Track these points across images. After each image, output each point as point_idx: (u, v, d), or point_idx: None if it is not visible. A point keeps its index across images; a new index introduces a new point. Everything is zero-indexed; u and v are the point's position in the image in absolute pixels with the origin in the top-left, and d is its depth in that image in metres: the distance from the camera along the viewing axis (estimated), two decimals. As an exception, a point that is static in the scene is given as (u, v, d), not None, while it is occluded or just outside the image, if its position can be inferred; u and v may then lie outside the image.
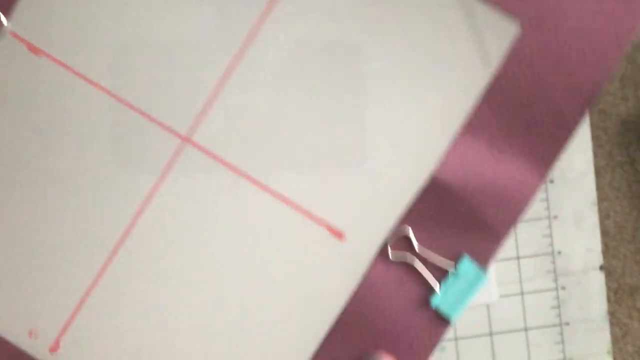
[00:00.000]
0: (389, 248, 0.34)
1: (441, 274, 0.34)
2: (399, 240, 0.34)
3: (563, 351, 0.46)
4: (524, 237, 0.46)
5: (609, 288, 0.47)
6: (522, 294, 0.46)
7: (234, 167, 0.34)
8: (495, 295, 0.46)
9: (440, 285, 0.34)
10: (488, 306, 0.46)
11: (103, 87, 0.34)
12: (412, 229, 0.34)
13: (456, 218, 0.34)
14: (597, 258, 0.47)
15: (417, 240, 0.34)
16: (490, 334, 0.46)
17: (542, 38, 0.33)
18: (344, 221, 0.34)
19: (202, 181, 0.34)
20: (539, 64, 0.33)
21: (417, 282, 0.34)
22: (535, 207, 0.46)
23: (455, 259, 0.34)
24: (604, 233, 0.47)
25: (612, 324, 0.47)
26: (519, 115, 0.33)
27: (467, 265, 0.33)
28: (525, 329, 0.46)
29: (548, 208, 0.46)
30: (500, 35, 0.34)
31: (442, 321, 0.34)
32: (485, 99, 0.33)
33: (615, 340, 0.47)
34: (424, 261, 0.34)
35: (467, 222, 0.33)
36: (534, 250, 0.46)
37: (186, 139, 0.35)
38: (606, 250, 0.47)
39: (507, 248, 0.46)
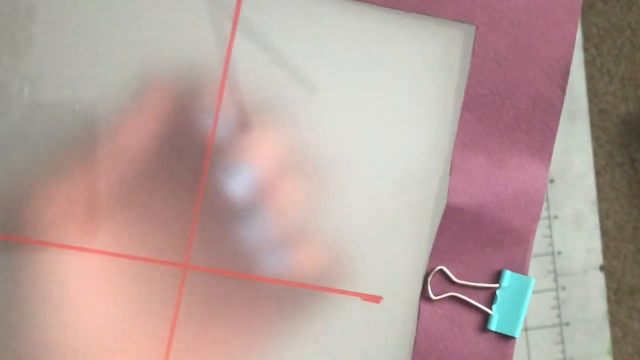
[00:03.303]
0: (430, 291, 0.33)
1: (488, 296, 0.33)
2: (437, 278, 0.33)
3: (563, 351, 0.46)
4: (524, 237, 0.46)
5: (609, 288, 0.47)
6: (522, 294, 0.46)
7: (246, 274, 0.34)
8: (495, 295, 0.46)
9: (491, 306, 0.33)
10: (488, 306, 0.46)
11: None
12: (444, 262, 0.33)
13: (482, 237, 0.33)
14: (597, 258, 0.46)
15: (452, 271, 0.33)
16: (490, 334, 0.46)
17: (499, 32, 0.33)
18: (376, 284, 0.34)
19: (217, 299, 0.34)
20: (504, 57, 0.33)
21: (468, 312, 0.33)
22: (535, 207, 0.46)
23: (496, 276, 0.33)
24: (604, 233, 0.47)
25: (612, 324, 0.47)
26: (504, 113, 0.33)
27: (510, 277, 0.33)
28: (526, 329, 0.46)
29: (548, 208, 0.46)
30: (458, 42, 0.34)
31: (507, 341, 0.33)
32: (465, 109, 0.33)
33: (615, 341, 0.47)
34: (467, 289, 0.33)
35: (494, 236, 0.33)
36: (534, 250, 0.46)
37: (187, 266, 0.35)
38: (606, 250, 0.47)
39: (507, 248, 0.46)
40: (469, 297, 0.33)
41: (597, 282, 0.46)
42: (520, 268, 0.33)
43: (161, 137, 0.34)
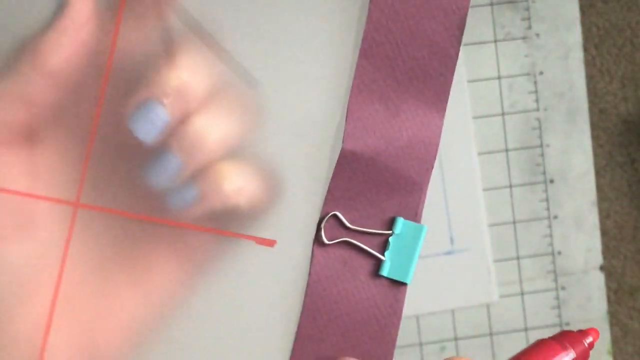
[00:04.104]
0: (323, 235, 0.34)
1: (381, 242, 0.34)
2: (331, 223, 0.34)
3: (563, 351, 0.46)
4: (524, 237, 0.46)
5: (609, 288, 0.47)
6: (522, 294, 0.46)
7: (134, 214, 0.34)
8: (495, 295, 0.46)
9: (384, 253, 0.34)
10: (488, 306, 0.46)
11: None
12: (338, 207, 0.34)
13: (376, 184, 0.34)
14: (597, 258, 0.47)
15: (346, 217, 0.34)
16: (490, 334, 0.46)
17: None
18: (270, 227, 0.34)
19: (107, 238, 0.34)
20: (402, 6, 0.34)
21: (361, 258, 0.34)
22: (535, 207, 0.46)
23: (390, 223, 0.34)
24: (604, 233, 0.47)
25: (612, 324, 0.47)
26: (400, 62, 0.34)
27: (403, 224, 0.34)
28: (525, 329, 0.46)
29: (548, 208, 0.46)
30: None
31: (398, 287, 0.34)
32: (362, 56, 0.34)
33: (615, 340, 0.47)
34: (361, 235, 0.34)
35: (388, 183, 0.34)
36: (534, 250, 0.46)
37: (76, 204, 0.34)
38: (606, 250, 0.47)
39: (507, 248, 0.46)
40: (362, 243, 0.34)
41: (597, 282, 0.46)
42: (414, 216, 0.34)
43: (58, 66, 0.34)
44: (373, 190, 0.34)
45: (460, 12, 0.33)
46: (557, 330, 0.46)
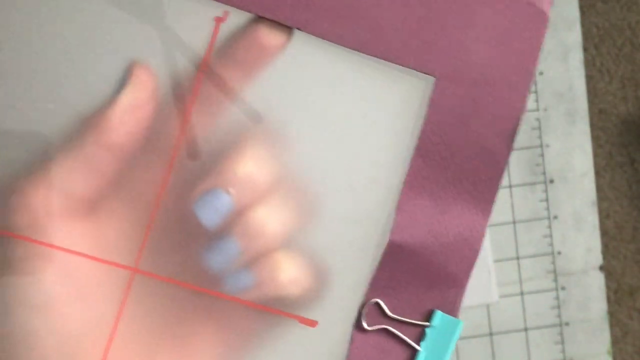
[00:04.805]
0: (363, 320, 0.35)
1: (418, 332, 0.35)
2: (371, 309, 0.35)
3: (563, 351, 0.46)
4: (524, 237, 0.46)
5: (609, 288, 0.47)
6: (522, 294, 0.46)
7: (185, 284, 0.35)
8: (495, 295, 0.46)
9: (420, 343, 0.35)
10: (488, 306, 0.46)
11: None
12: (381, 295, 0.35)
13: (419, 276, 0.35)
14: (597, 258, 0.47)
15: (387, 305, 0.35)
16: (490, 334, 0.46)
17: (456, 86, 0.35)
18: (313, 308, 0.35)
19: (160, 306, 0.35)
20: (459, 110, 0.35)
21: (398, 346, 0.35)
22: (535, 207, 0.46)
23: (427, 314, 0.35)
24: (604, 233, 0.47)
25: (612, 324, 0.47)
26: (452, 163, 0.35)
27: (441, 318, 0.35)
28: (525, 329, 0.46)
29: (548, 208, 0.46)
30: (418, 91, 0.35)
31: None
32: (417, 154, 0.35)
33: (615, 340, 0.47)
34: (399, 323, 0.35)
35: (430, 277, 0.35)
36: (534, 250, 0.46)
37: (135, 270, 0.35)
38: (606, 250, 0.47)
39: (507, 248, 0.46)
40: (400, 331, 0.35)
41: (597, 282, 0.46)
42: (452, 310, 0.35)
43: (120, 141, 0.34)
44: (416, 282, 0.35)
45: (513, 122, 0.35)
46: (557, 330, 0.46)
